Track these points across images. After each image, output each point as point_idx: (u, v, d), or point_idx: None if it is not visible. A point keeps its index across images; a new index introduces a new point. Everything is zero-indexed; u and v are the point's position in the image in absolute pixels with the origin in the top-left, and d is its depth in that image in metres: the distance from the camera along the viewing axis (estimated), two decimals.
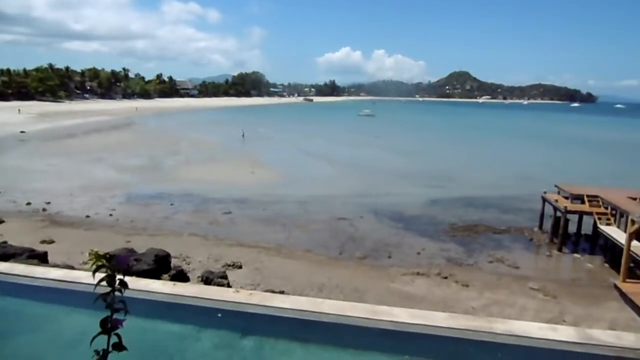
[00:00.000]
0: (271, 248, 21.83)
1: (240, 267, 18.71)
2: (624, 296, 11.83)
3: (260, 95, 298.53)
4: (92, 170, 40.57)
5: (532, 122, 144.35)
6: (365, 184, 38.74)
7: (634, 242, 16.31)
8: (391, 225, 26.84)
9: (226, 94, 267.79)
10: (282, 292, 14.96)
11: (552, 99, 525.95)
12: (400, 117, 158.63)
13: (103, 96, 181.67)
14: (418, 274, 19.00)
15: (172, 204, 29.53)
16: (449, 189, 37.66)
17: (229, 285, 15.80)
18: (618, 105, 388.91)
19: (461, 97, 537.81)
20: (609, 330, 11.50)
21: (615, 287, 12.45)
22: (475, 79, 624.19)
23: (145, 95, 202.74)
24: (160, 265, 16.38)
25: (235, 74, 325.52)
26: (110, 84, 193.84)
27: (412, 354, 9.72)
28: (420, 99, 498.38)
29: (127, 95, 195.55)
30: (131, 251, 17.17)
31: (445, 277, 18.70)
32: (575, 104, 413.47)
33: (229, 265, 18.62)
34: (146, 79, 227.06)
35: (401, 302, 15.28)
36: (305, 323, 10.28)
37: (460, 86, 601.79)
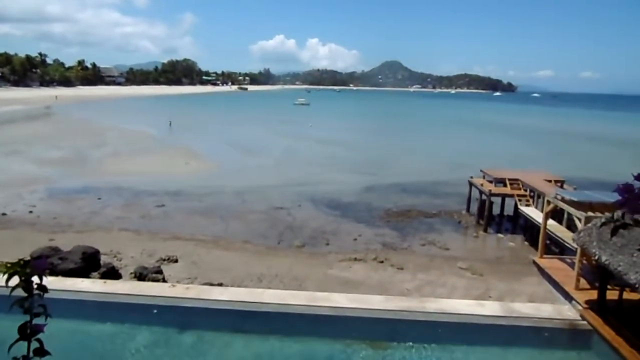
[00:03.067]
0: (208, 240, 21.39)
1: (176, 261, 18.18)
2: (541, 271, 12.85)
3: (192, 83, 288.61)
4: (7, 164, 37.42)
5: (459, 111, 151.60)
6: (301, 173, 38.90)
7: (550, 221, 17.73)
8: (328, 213, 27.22)
9: (156, 82, 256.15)
10: (220, 285, 14.76)
11: (477, 88, 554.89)
12: (335, 106, 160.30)
13: (17, 84, 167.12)
14: (355, 259, 19.48)
15: (99, 198, 27.99)
16: (383, 176, 38.77)
17: (164, 280, 15.32)
18: (535, 94, 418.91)
19: (393, 87, 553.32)
20: (529, 303, 12.49)
21: (534, 263, 13.47)
22: (406, 68, 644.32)
23: (66, 82, 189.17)
24: (88, 263, 15.55)
25: (166, 61, 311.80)
26: (25, 71, 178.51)
27: (352, 336, 10.01)
28: (354, 88, 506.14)
29: (46, 82, 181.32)
30: (55, 250, 16.12)
31: (382, 262, 19.33)
32: (498, 93, 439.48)
33: (164, 260, 18.04)
34: (67, 65, 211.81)
35: (340, 287, 15.59)
36: (245, 314, 10.23)
37: (392, 76, 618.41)
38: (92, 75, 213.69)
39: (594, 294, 10.36)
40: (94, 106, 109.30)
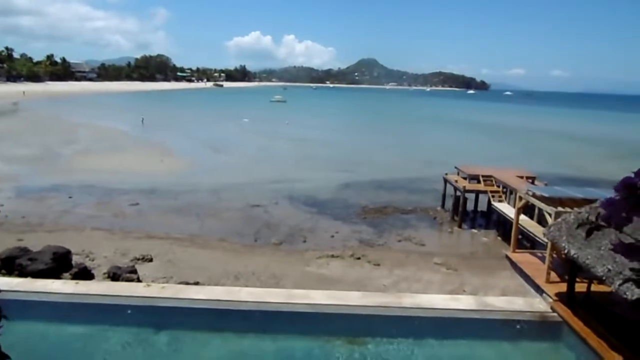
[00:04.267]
0: (184, 239, 21.11)
1: (151, 260, 17.89)
2: (514, 265, 13.17)
3: (166, 79, 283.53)
4: None
5: (434, 108, 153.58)
6: (278, 170, 38.75)
7: (522, 216, 18.15)
8: (305, 210, 27.22)
9: (129, 77, 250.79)
10: (196, 283, 14.60)
11: (451, 86, 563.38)
12: (311, 103, 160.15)
13: None
14: (333, 256, 19.55)
15: (70, 197, 27.28)
16: (360, 173, 38.98)
17: (139, 280, 15.06)
18: (507, 92, 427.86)
19: (369, 84, 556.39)
20: (502, 297, 12.80)
21: (507, 257, 13.80)
22: (382, 66, 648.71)
23: (35, 78, 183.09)
24: (59, 264, 15.15)
25: (139, 56, 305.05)
26: None
27: (330, 333, 10.06)
28: (331, 85, 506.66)
29: (12, 78, 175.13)
30: (24, 250, 15.63)
31: (359, 258, 19.46)
32: (471, 91, 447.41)
33: (138, 259, 17.72)
34: (35, 60, 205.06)
35: (318, 284, 15.64)
36: (222, 312, 10.16)
37: (368, 73, 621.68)
38: (61, 71, 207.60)
39: (563, 287, 10.68)
40: (64, 102, 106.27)
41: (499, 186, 25.63)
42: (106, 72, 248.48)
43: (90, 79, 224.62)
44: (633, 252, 1.02)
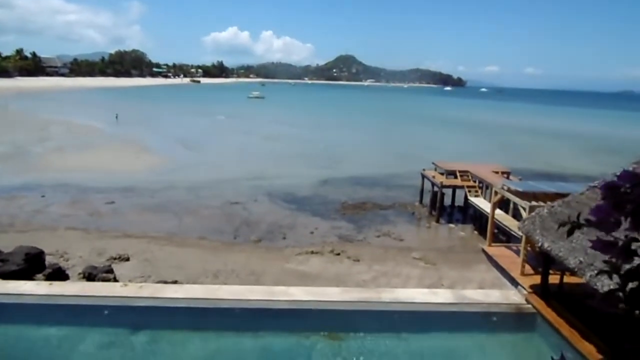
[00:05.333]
0: (161, 237, 20.83)
1: (128, 259, 17.60)
2: (489, 258, 13.44)
3: (142, 75, 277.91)
4: None
5: (412, 105, 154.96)
6: (257, 167, 38.55)
7: (497, 211, 18.53)
8: (285, 206, 27.18)
9: (103, 73, 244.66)
10: (175, 282, 14.44)
11: (428, 83, 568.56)
12: (289, 99, 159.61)
13: None
14: (312, 252, 19.59)
15: (43, 196, 26.57)
16: (338, 169, 39.10)
17: (115, 280, 14.81)
18: (483, 89, 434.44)
19: (348, 80, 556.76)
20: (478, 290, 13.05)
21: (483, 251, 14.07)
22: (360, 62, 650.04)
23: (3, 73, 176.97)
24: (32, 265, 14.76)
25: (113, 51, 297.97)
26: None
27: (310, 329, 10.09)
28: (309, 81, 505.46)
29: None
30: None
31: (338, 254, 19.55)
32: (448, 88, 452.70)
33: (115, 259, 17.41)
34: (3, 55, 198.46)
35: (297, 281, 15.65)
36: (202, 311, 10.08)
37: (346, 69, 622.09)
38: (32, 66, 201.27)
39: (537, 279, 10.96)
40: (35, 98, 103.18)
41: (475, 181, 26.08)
42: (79, 67, 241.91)
43: (63, 75, 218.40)
44: (610, 249, 1.06)
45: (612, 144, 60.06)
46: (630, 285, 1.04)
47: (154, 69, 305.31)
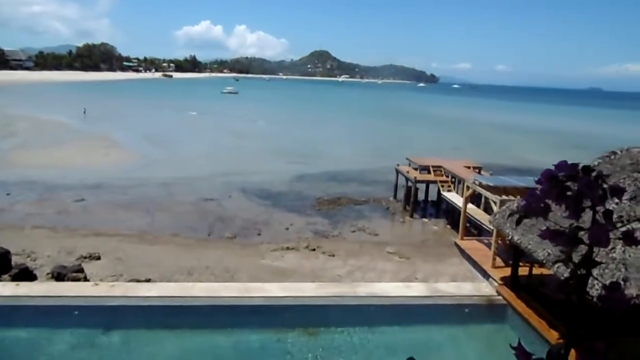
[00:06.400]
0: (133, 235, 20.44)
1: (99, 258, 17.20)
2: (462, 252, 13.71)
3: (112, 69, 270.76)
4: None
5: (386, 101, 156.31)
6: (230, 163, 38.20)
7: (469, 205, 18.90)
8: (259, 202, 27.04)
9: (70, 67, 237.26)
10: (148, 281, 14.21)
11: (402, 79, 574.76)
12: (263, 94, 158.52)
13: None
14: (288, 248, 19.58)
15: (8, 194, 25.63)
16: (313, 165, 39.10)
17: (86, 279, 14.45)
18: (455, 86, 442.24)
19: (322, 76, 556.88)
20: (451, 283, 13.30)
21: (455, 244, 14.34)
22: (335, 58, 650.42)
23: None
24: None
25: (81, 44, 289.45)
26: None
27: (286, 325, 10.09)
28: (284, 77, 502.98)
29: None
30: None
31: (314, 249, 19.59)
32: (422, 84, 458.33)
33: (85, 258, 16.99)
34: None
35: (273, 277, 15.62)
36: (175, 309, 9.94)
37: (321, 65, 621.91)
38: None
39: (508, 271, 11.25)
40: None
41: (448, 176, 26.52)
42: (45, 60, 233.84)
43: (27, 68, 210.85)
44: (557, 237, 1.10)
45: (580, 140, 61.95)
46: (579, 272, 1.09)
47: (124, 63, 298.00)
